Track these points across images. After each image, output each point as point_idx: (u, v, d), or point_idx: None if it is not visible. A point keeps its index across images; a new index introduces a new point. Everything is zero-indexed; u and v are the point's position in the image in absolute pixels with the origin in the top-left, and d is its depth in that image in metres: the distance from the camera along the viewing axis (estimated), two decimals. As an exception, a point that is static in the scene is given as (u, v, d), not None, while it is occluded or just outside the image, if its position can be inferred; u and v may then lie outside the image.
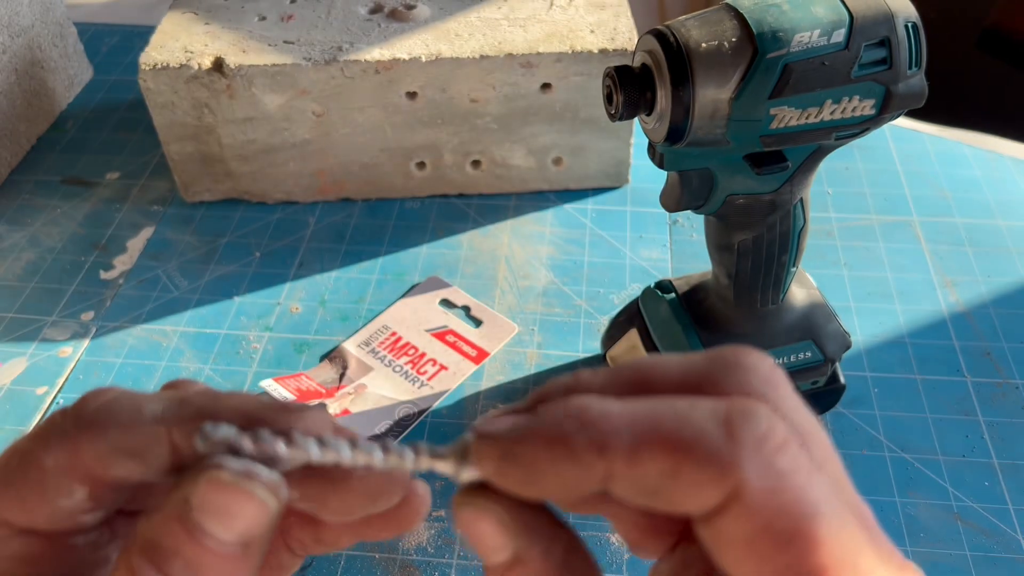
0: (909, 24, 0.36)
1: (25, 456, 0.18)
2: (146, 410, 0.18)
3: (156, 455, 0.18)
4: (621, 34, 0.59)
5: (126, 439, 0.18)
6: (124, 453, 0.18)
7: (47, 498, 0.18)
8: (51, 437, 0.18)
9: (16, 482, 0.18)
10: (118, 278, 0.60)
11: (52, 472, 0.18)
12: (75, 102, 0.77)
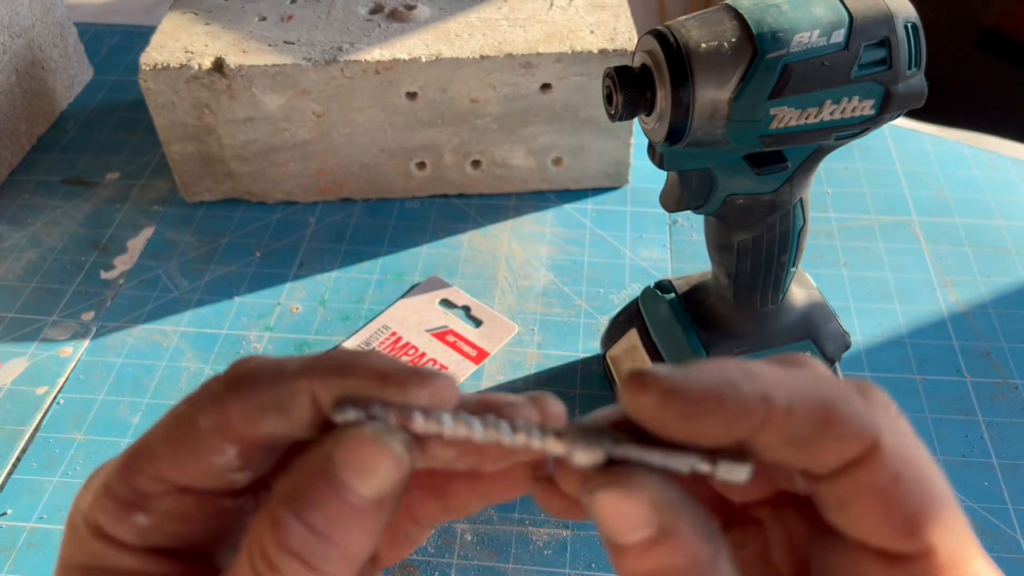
0: (908, 24, 0.36)
1: (181, 418, 0.19)
2: (287, 368, 0.19)
3: (299, 408, 0.19)
4: (621, 34, 0.59)
5: (271, 395, 0.19)
6: (270, 409, 0.19)
7: (202, 456, 0.19)
8: (204, 400, 0.19)
9: (174, 442, 0.19)
10: (118, 278, 0.61)
11: (206, 431, 0.19)
12: (75, 102, 0.77)
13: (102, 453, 0.50)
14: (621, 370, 0.50)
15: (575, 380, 0.52)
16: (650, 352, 0.48)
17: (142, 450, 0.20)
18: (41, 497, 0.48)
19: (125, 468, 0.20)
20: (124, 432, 0.51)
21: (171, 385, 0.53)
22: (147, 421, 0.51)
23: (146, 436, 0.20)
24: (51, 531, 0.46)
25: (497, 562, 0.44)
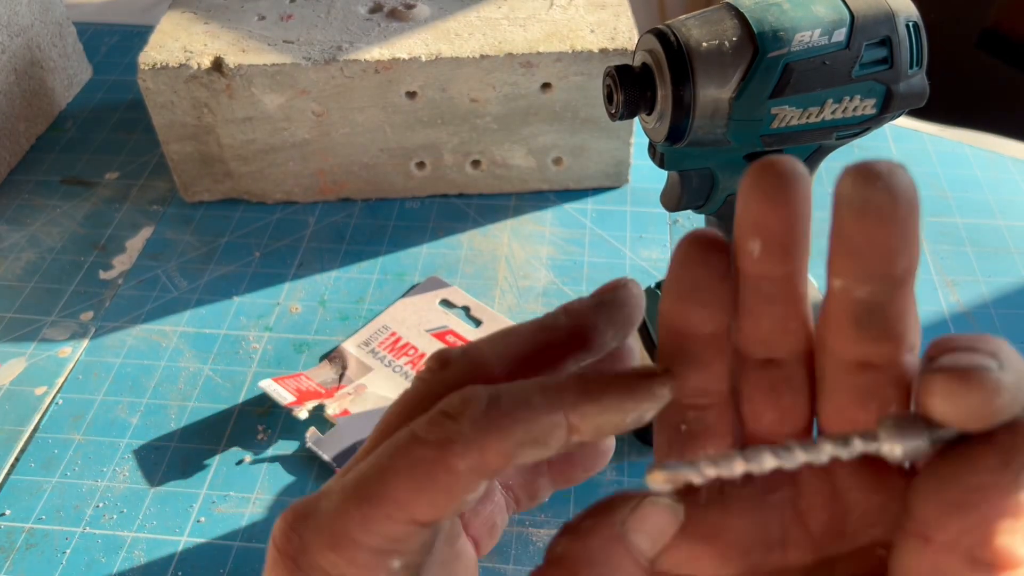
0: (910, 23, 0.35)
1: (435, 464, 0.19)
2: (535, 402, 0.20)
3: (557, 440, 0.20)
4: (621, 34, 0.59)
5: (529, 433, 0.20)
6: (528, 444, 0.20)
7: (457, 497, 0.20)
8: (456, 444, 0.19)
9: (427, 488, 0.19)
10: (117, 278, 0.60)
11: (463, 475, 0.19)
12: (74, 102, 0.77)
13: (101, 453, 0.49)
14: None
15: (575, 380, 0.52)
16: (650, 352, 0.48)
17: (384, 496, 0.19)
18: (39, 498, 0.47)
19: (367, 518, 0.19)
20: (123, 432, 0.50)
21: (170, 385, 0.53)
22: (146, 421, 0.51)
23: (379, 477, 0.20)
24: (49, 532, 0.46)
25: (497, 563, 0.44)
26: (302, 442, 0.49)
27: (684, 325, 0.21)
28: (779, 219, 0.19)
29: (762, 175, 0.18)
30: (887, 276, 0.18)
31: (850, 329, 0.19)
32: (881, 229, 0.17)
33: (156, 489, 0.48)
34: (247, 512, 0.47)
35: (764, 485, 0.21)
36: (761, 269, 0.19)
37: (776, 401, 0.21)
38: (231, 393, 0.52)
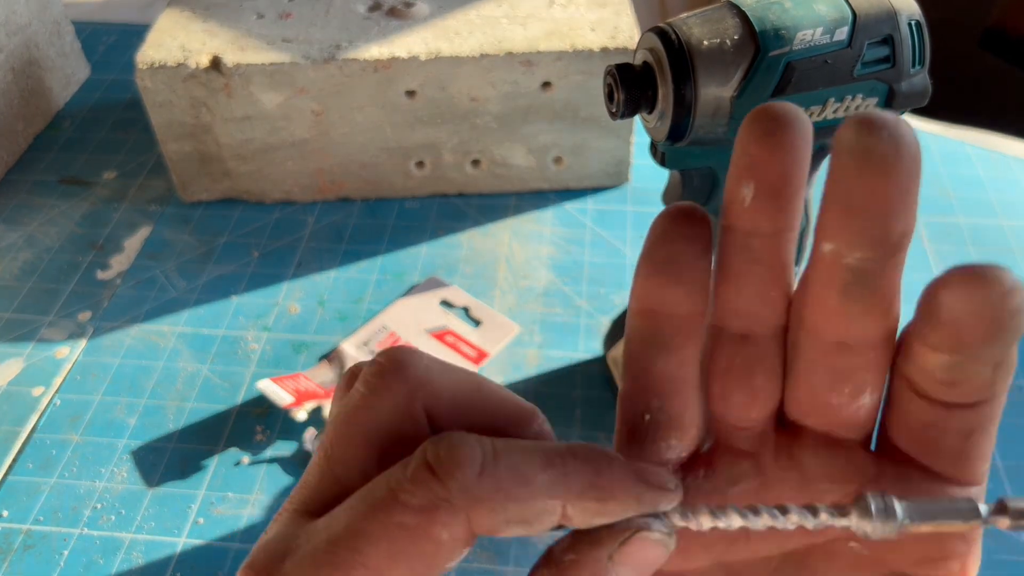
0: (912, 22, 0.35)
1: (416, 532, 0.18)
2: (537, 482, 0.18)
3: (546, 523, 0.19)
4: (622, 32, 0.59)
5: (521, 514, 0.18)
6: (516, 523, 0.18)
7: (438, 565, 0.18)
8: (440, 513, 0.18)
9: (407, 556, 0.18)
10: (115, 278, 0.60)
11: (446, 544, 0.18)
12: (72, 101, 0.76)
13: (99, 454, 0.49)
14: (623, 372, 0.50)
15: (576, 381, 0.52)
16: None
17: (358, 563, 0.18)
18: (37, 499, 0.47)
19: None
20: (121, 433, 0.50)
21: (168, 386, 0.53)
22: (144, 422, 0.51)
23: (353, 542, 0.18)
24: (47, 533, 0.46)
25: (497, 564, 0.44)
26: (300, 443, 0.49)
27: (657, 304, 0.20)
28: (775, 162, 0.18)
29: (760, 118, 0.18)
30: (882, 240, 0.17)
31: (834, 299, 0.18)
32: (882, 182, 0.17)
33: (154, 490, 0.47)
34: (246, 513, 0.46)
35: (728, 477, 0.21)
36: (751, 221, 0.18)
37: (748, 381, 0.20)
38: (229, 394, 0.52)
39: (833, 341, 0.19)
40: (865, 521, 0.19)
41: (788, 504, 0.19)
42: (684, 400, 0.20)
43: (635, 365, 0.20)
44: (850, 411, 0.19)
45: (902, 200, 0.17)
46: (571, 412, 0.50)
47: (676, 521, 0.20)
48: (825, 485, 0.20)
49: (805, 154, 0.18)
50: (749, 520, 0.19)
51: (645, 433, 0.21)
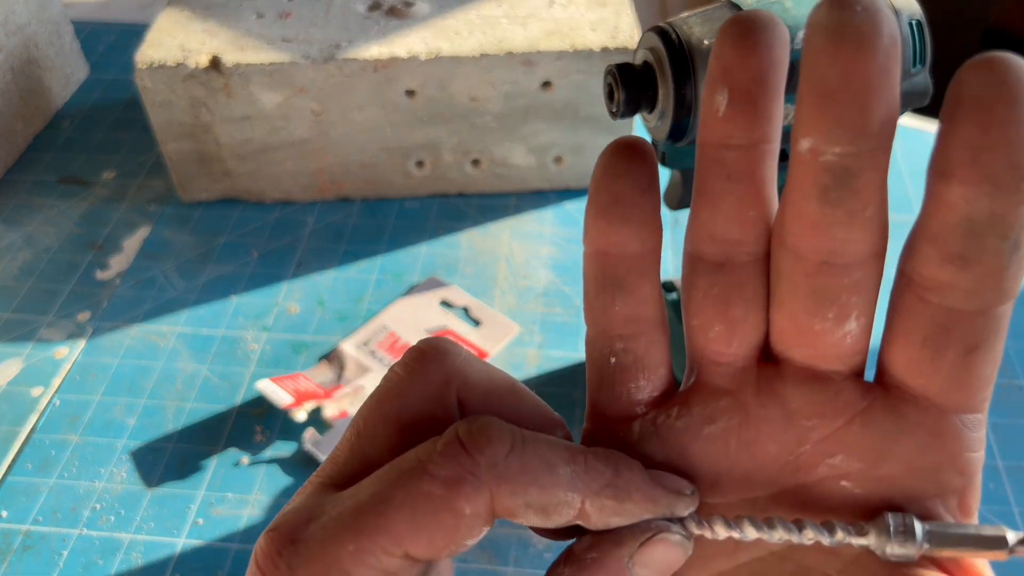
0: (913, 22, 0.35)
1: (441, 502, 0.18)
2: (560, 472, 0.19)
3: (563, 516, 0.19)
4: (622, 32, 0.59)
5: (540, 499, 0.18)
6: (535, 510, 0.19)
7: (458, 539, 0.18)
8: (466, 486, 0.18)
9: (429, 526, 0.18)
10: (115, 278, 0.60)
11: (468, 518, 0.18)
12: (71, 101, 0.76)
13: (98, 455, 0.49)
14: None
15: (576, 381, 0.52)
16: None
17: (382, 530, 0.18)
18: (36, 499, 0.47)
19: (361, 551, 0.18)
20: (120, 433, 0.50)
21: (168, 386, 0.53)
22: (143, 422, 0.51)
23: (379, 508, 0.18)
24: (46, 534, 0.46)
25: (497, 565, 0.44)
26: (300, 443, 0.49)
27: (608, 245, 0.19)
28: (749, 65, 0.17)
29: (735, 22, 0.17)
30: (862, 128, 0.16)
31: (813, 208, 0.17)
32: (858, 60, 0.15)
33: (154, 490, 0.47)
34: (245, 514, 0.46)
35: (703, 415, 0.20)
36: (725, 132, 0.17)
37: (725, 311, 0.19)
38: (229, 394, 0.52)
39: (815, 260, 0.18)
40: (884, 541, 0.18)
41: (804, 520, 0.19)
42: (647, 339, 0.20)
43: (594, 308, 0.20)
44: (835, 338, 0.18)
45: (881, 81, 0.16)
46: (571, 412, 0.50)
47: (692, 529, 0.20)
48: (811, 421, 0.19)
49: (782, 57, 0.17)
50: (764, 532, 0.19)
51: (612, 376, 0.21)
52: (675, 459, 0.20)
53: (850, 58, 0.16)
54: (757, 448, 0.20)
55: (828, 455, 0.19)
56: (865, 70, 0.16)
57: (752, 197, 0.18)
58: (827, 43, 0.16)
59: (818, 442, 0.19)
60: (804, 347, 0.19)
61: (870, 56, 0.15)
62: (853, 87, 0.16)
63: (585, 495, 0.19)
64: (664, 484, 0.20)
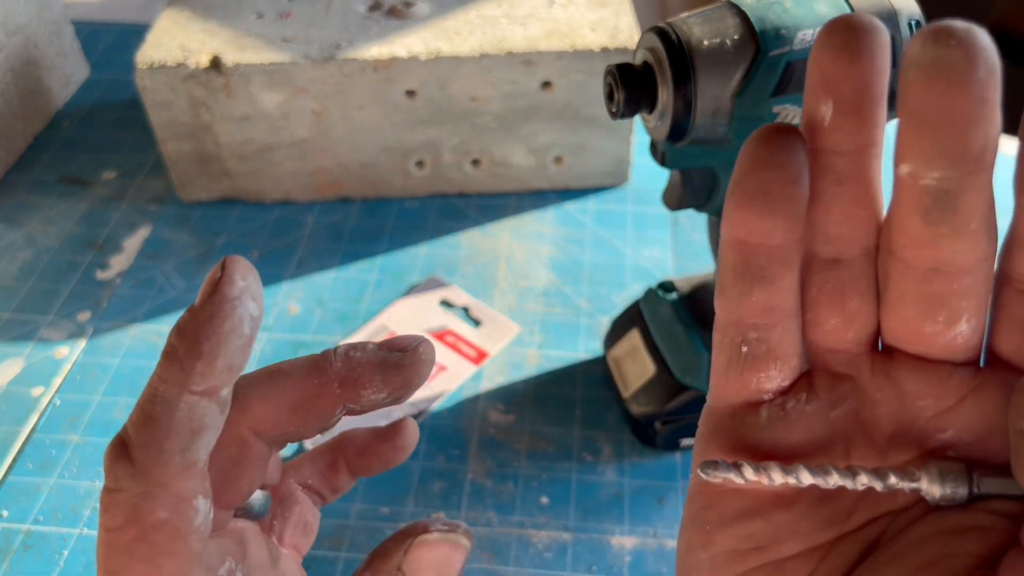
0: (913, 22, 0.35)
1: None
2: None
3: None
4: (622, 32, 0.59)
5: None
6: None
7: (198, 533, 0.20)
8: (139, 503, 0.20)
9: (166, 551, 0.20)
10: (115, 278, 0.60)
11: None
12: (72, 101, 0.76)
13: (98, 454, 0.49)
14: (623, 371, 0.50)
15: (576, 381, 0.52)
16: (652, 353, 0.47)
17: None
18: (37, 499, 0.47)
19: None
20: (120, 433, 0.50)
21: (168, 386, 0.53)
22: (144, 422, 0.51)
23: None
24: (47, 533, 0.46)
25: (497, 564, 0.44)
26: (300, 443, 0.49)
27: (750, 235, 0.19)
28: (853, 75, 0.17)
29: (835, 29, 0.17)
30: (960, 155, 0.16)
31: (918, 225, 0.17)
32: (953, 93, 0.15)
33: (154, 490, 0.47)
34: (245, 514, 0.46)
35: (829, 399, 0.20)
36: (832, 140, 0.18)
37: (841, 305, 0.19)
38: (229, 394, 0.52)
39: (923, 268, 0.18)
40: (935, 485, 0.19)
41: (857, 466, 0.19)
42: (783, 330, 0.20)
43: (729, 295, 0.20)
44: (946, 339, 0.19)
45: (978, 111, 0.16)
46: (571, 412, 0.50)
47: (748, 475, 0.20)
48: (925, 401, 0.19)
49: (884, 63, 0.17)
50: (819, 479, 0.19)
51: (743, 364, 0.20)
52: (804, 442, 0.20)
53: (944, 93, 0.16)
54: (874, 428, 0.20)
55: (939, 431, 0.20)
56: (960, 104, 0.16)
57: (861, 197, 0.18)
58: (921, 77, 0.16)
59: (930, 418, 0.20)
60: (916, 345, 0.19)
61: (965, 91, 0.15)
62: (948, 120, 0.16)
63: None
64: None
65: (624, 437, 0.49)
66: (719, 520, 0.21)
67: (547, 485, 0.47)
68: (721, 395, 0.22)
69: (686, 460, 0.48)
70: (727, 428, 0.21)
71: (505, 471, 0.48)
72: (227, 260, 0.20)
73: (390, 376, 0.22)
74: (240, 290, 0.20)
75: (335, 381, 0.22)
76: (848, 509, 0.20)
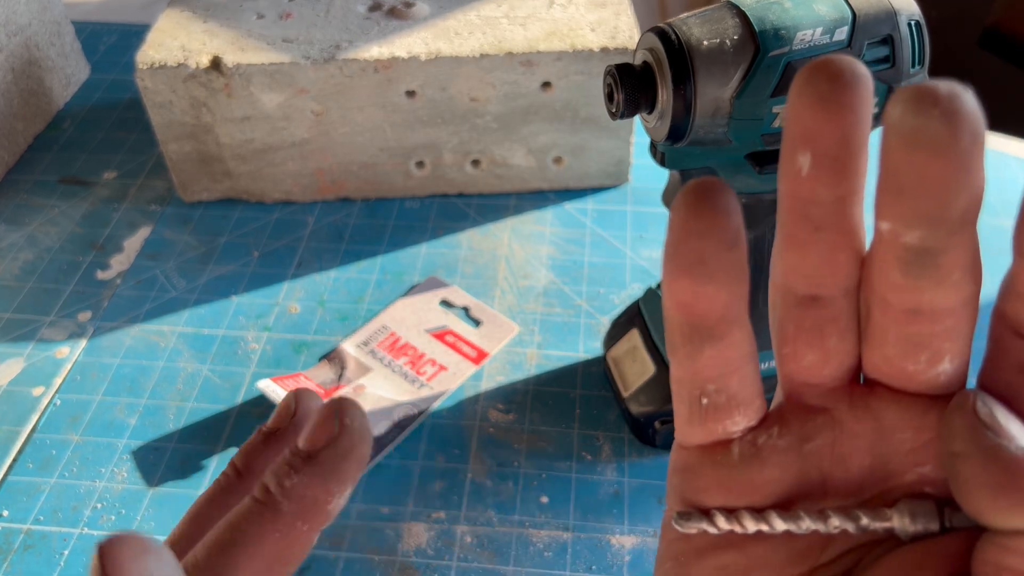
0: (912, 22, 0.35)
1: None
2: None
3: None
4: (622, 32, 0.59)
5: None
6: None
7: None
8: None
9: None
10: (116, 278, 0.60)
11: None
12: (72, 101, 0.76)
13: (99, 454, 0.49)
14: (623, 371, 0.50)
15: (576, 381, 0.52)
16: (651, 353, 0.47)
17: None
18: (37, 499, 0.47)
19: None
20: (121, 433, 0.50)
21: (169, 386, 0.53)
22: (144, 422, 0.51)
23: None
24: (47, 533, 0.46)
25: (497, 564, 0.44)
26: (301, 443, 0.49)
27: (692, 300, 0.18)
28: (833, 129, 0.16)
29: (814, 76, 0.16)
30: (941, 219, 0.16)
31: (898, 276, 0.17)
32: (936, 164, 0.15)
33: (155, 490, 0.47)
34: (246, 513, 0.46)
35: (801, 433, 0.20)
36: (810, 190, 0.17)
37: (821, 343, 0.19)
38: (230, 393, 0.52)
39: (904, 309, 0.17)
40: (907, 523, 0.19)
41: (828, 509, 0.19)
42: (741, 376, 0.20)
43: (680, 354, 0.19)
44: (928, 377, 0.18)
45: (961, 179, 0.15)
46: (571, 412, 0.50)
47: (721, 524, 0.20)
48: (904, 434, 0.19)
49: (866, 114, 0.16)
50: (791, 524, 0.19)
51: (705, 414, 0.20)
52: (776, 476, 0.20)
53: (926, 163, 0.15)
54: (851, 460, 0.20)
55: (918, 464, 0.19)
56: (943, 172, 0.15)
57: (841, 243, 0.18)
58: (901, 145, 0.15)
59: (908, 452, 0.19)
60: (898, 381, 0.19)
61: (947, 160, 0.15)
62: (931, 187, 0.15)
63: None
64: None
65: (624, 437, 0.49)
66: (694, 552, 0.21)
67: (547, 484, 0.47)
68: (688, 440, 0.21)
69: (686, 460, 0.48)
70: (698, 466, 0.21)
71: (505, 471, 0.48)
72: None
73: (341, 475, 0.21)
74: None
75: (296, 522, 0.21)
76: (823, 541, 0.20)
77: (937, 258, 0.16)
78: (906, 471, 0.19)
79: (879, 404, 0.19)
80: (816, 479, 0.20)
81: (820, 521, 0.19)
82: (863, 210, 0.18)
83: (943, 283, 0.17)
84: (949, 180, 0.15)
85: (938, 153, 0.15)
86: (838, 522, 0.19)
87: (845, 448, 0.20)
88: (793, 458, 0.20)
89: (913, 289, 0.17)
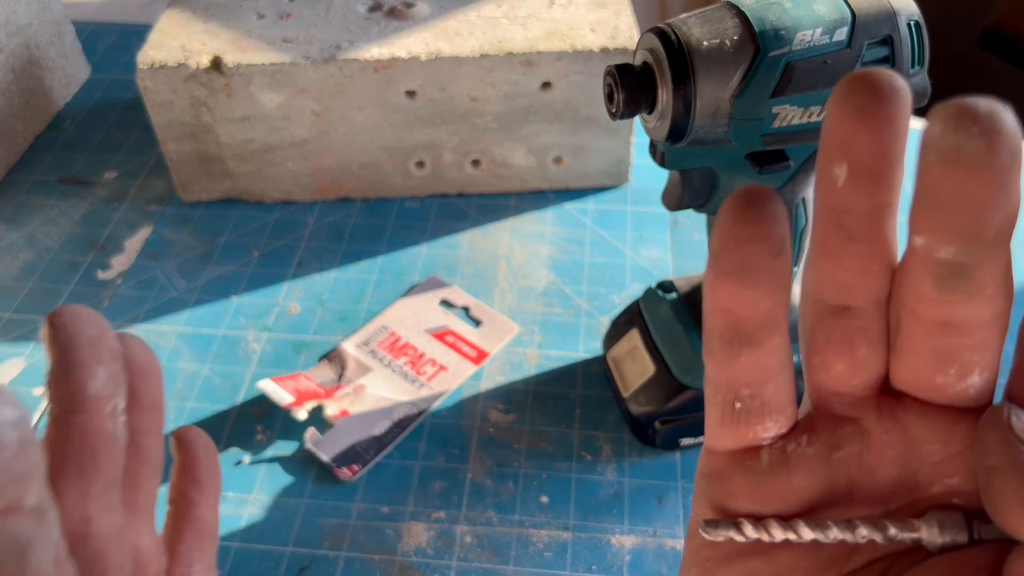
0: (912, 22, 0.35)
1: None
2: None
3: None
4: (622, 32, 0.59)
5: None
6: None
7: None
8: None
9: None
10: (116, 278, 0.60)
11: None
12: (73, 101, 0.76)
13: (99, 454, 0.49)
14: (623, 371, 0.50)
15: (576, 381, 0.52)
16: (651, 352, 0.47)
17: None
18: (37, 499, 0.47)
19: None
20: (121, 433, 0.50)
21: (168, 386, 0.53)
22: (144, 422, 0.51)
23: None
24: (47, 533, 0.46)
25: (497, 564, 0.44)
26: (301, 443, 0.49)
27: (734, 305, 0.18)
28: (871, 141, 0.16)
29: (854, 87, 0.16)
30: (977, 235, 0.16)
31: (931, 290, 0.17)
32: (974, 181, 0.15)
33: (154, 490, 0.47)
34: (246, 513, 0.46)
35: (830, 442, 0.20)
36: (845, 201, 0.17)
37: (850, 353, 0.19)
38: (229, 394, 0.52)
39: (935, 322, 0.17)
40: (935, 535, 0.19)
41: (856, 519, 0.19)
42: (776, 384, 0.20)
43: (718, 358, 0.20)
44: (957, 390, 0.19)
45: (999, 197, 0.15)
46: (571, 412, 0.50)
47: (749, 533, 0.20)
48: (932, 446, 0.19)
49: (904, 127, 0.16)
50: (819, 533, 0.19)
51: (737, 419, 0.20)
52: (805, 484, 0.20)
53: (964, 181, 0.15)
54: (879, 470, 0.20)
55: (945, 475, 0.19)
56: (981, 190, 0.15)
57: (875, 253, 0.18)
58: (939, 163, 0.15)
59: (936, 463, 0.19)
60: (926, 393, 0.19)
61: (984, 178, 0.15)
62: (968, 204, 0.15)
63: None
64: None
65: (624, 437, 0.49)
66: (720, 558, 0.21)
67: (547, 484, 0.47)
68: (718, 444, 0.21)
69: (685, 460, 0.48)
70: (727, 471, 0.21)
71: (505, 470, 0.48)
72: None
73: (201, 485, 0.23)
74: None
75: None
76: (849, 551, 0.20)
77: (971, 273, 0.16)
78: (934, 482, 0.20)
79: (907, 415, 0.20)
80: (843, 488, 0.20)
81: (848, 531, 0.19)
82: (896, 222, 0.18)
83: (975, 297, 0.17)
84: (987, 198, 0.15)
85: (976, 171, 0.15)
86: (866, 532, 0.19)
87: (873, 458, 0.20)
88: (821, 466, 0.20)
89: (945, 303, 0.17)
